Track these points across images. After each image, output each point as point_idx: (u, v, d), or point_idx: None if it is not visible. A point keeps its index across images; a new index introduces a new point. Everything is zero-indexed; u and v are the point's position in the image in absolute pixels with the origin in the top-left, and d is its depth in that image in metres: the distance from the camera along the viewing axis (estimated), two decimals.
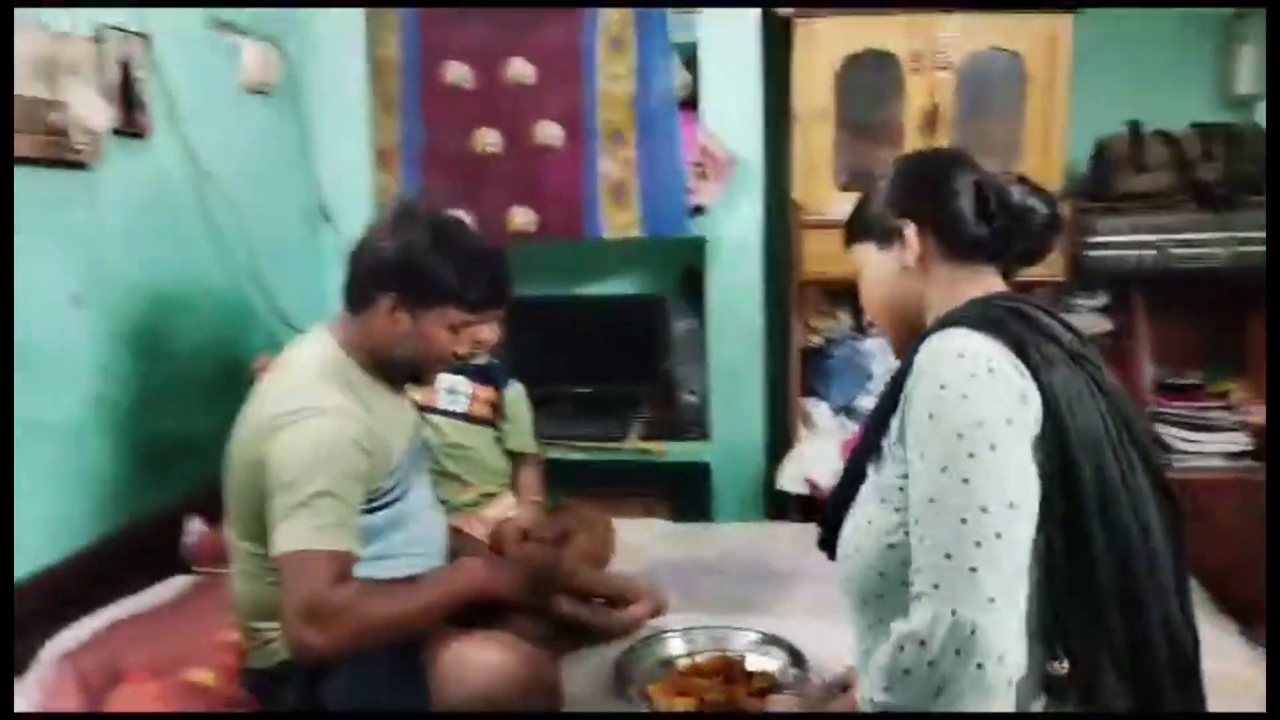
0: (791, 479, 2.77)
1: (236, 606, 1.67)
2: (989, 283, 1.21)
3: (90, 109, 1.95)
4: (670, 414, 3.20)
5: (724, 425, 3.01)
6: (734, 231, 2.95)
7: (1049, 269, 2.76)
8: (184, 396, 2.30)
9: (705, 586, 2.26)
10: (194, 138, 2.35)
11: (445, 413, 2.05)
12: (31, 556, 1.80)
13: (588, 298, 3.32)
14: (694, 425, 3.13)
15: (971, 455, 0.99)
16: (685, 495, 3.15)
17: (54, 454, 1.89)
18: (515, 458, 2.25)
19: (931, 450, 1.01)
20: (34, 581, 1.77)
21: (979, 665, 0.95)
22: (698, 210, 2.93)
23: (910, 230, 1.21)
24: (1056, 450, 1.02)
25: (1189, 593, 1.12)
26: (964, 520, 0.98)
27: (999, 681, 0.96)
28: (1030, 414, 1.03)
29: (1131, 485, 1.06)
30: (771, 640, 1.86)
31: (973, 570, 0.96)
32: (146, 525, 2.09)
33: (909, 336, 1.19)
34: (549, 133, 2.91)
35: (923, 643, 0.97)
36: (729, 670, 1.75)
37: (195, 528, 2.16)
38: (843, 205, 2.74)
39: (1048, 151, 2.76)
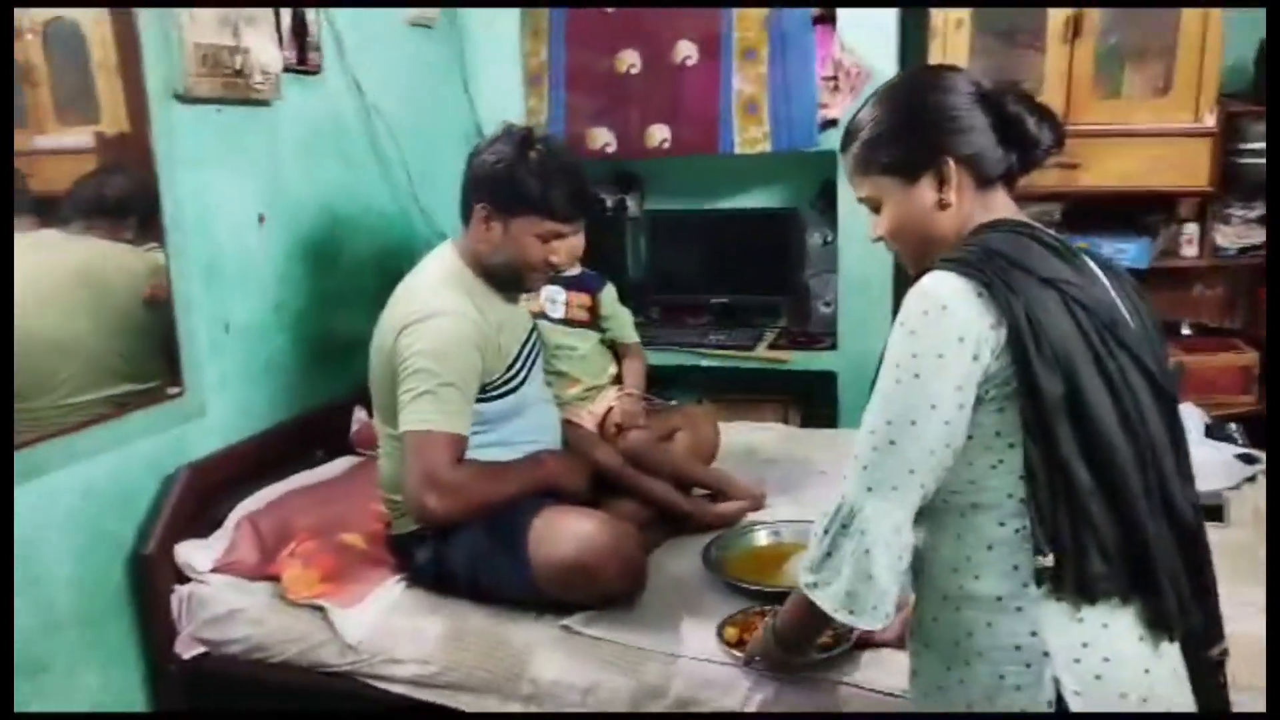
0: None
1: (380, 481, 1.98)
2: (997, 203, 1.25)
3: (266, 52, 2.25)
4: (805, 323, 3.31)
5: (851, 335, 3.09)
6: None
7: (1193, 179, 2.69)
8: (352, 303, 2.63)
9: (809, 487, 2.41)
10: (361, 72, 2.63)
11: (548, 319, 2.28)
12: (223, 435, 2.18)
13: (725, 211, 3.43)
14: (826, 335, 3.23)
15: (897, 381, 1.15)
16: (815, 402, 3.28)
17: (242, 350, 2.26)
18: (620, 351, 2.44)
19: (880, 375, 1.17)
20: (223, 454, 2.14)
21: (855, 540, 1.16)
22: (831, 124, 2.97)
23: (950, 166, 1.21)
24: (1020, 367, 1.12)
25: (1190, 471, 1.22)
26: (871, 430, 1.17)
27: (876, 555, 1.15)
28: (971, 348, 1.13)
29: (1120, 386, 1.15)
30: None
31: (863, 467, 1.17)
32: (320, 412, 2.45)
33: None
34: (686, 52, 3.02)
35: (825, 516, 1.21)
36: None
37: (359, 416, 2.50)
38: None
39: (1206, 50, 2.63)
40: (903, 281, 3.06)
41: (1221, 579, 1.82)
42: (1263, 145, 2.61)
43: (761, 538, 2.07)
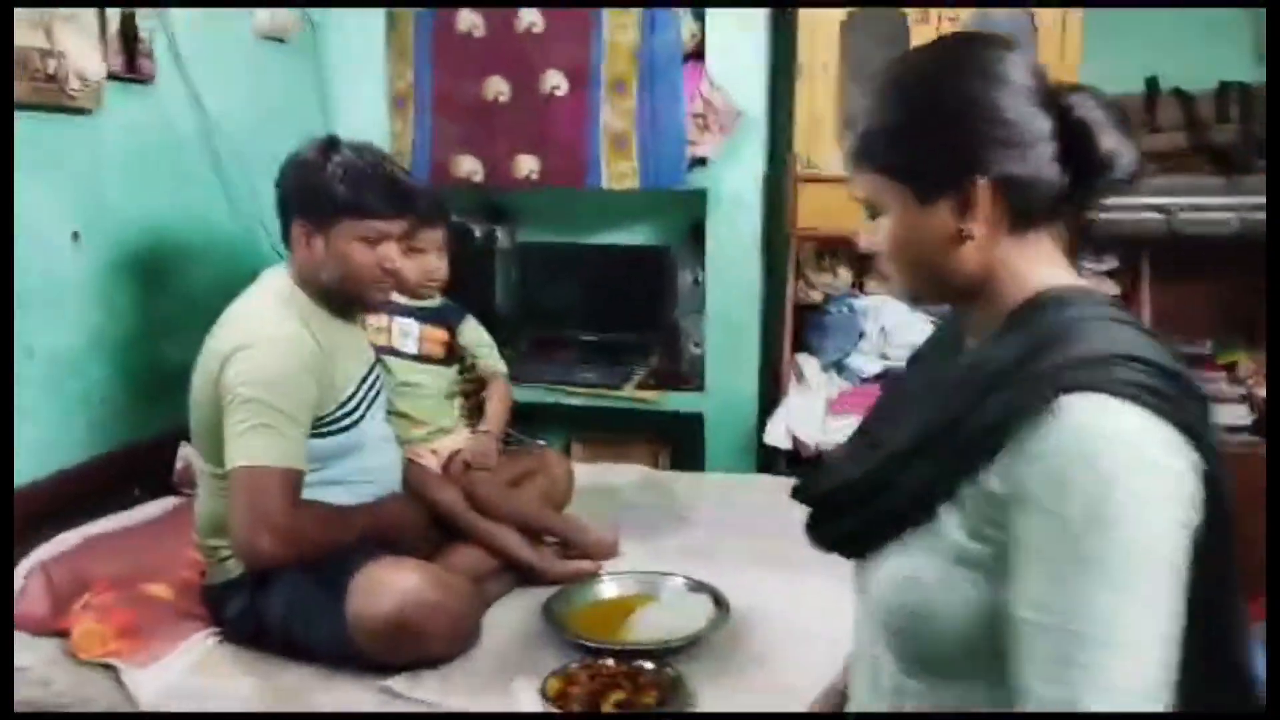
0: (777, 433, 2.80)
1: (197, 525, 1.81)
2: (1042, 249, 0.96)
3: (86, 57, 2.08)
4: (675, 364, 3.25)
5: (719, 377, 3.05)
6: (734, 185, 2.96)
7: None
8: (186, 331, 2.41)
9: (667, 533, 2.33)
10: (202, 84, 2.47)
11: (397, 353, 2.15)
12: (26, 471, 1.97)
13: (597, 246, 3.37)
14: (695, 376, 3.17)
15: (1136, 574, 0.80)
16: (682, 443, 3.22)
17: (49, 379, 2.06)
18: (484, 381, 2.32)
19: (1088, 555, 0.80)
20: (22, 494, 1.93)
21: None
22: (699, 162, 2.94)
23: (983, 189, 0.91)
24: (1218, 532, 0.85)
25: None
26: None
27: None
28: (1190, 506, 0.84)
29: None
30: (698, 586, 1.93)
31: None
32: (142, 448, 2.26)
33: (937, 301, 1.03)
34: (555, 82, 2.96)
35: None
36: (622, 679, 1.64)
37: (185, 453, 2.31)
38: (841, 163, 2.80)
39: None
40: (770, 323, 3.11)
41: None
42: (1118, 200, 2.65)
43: (607, 590, 1.97)
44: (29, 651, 1.73)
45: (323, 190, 1.71)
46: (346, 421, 1.80)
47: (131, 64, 2.24)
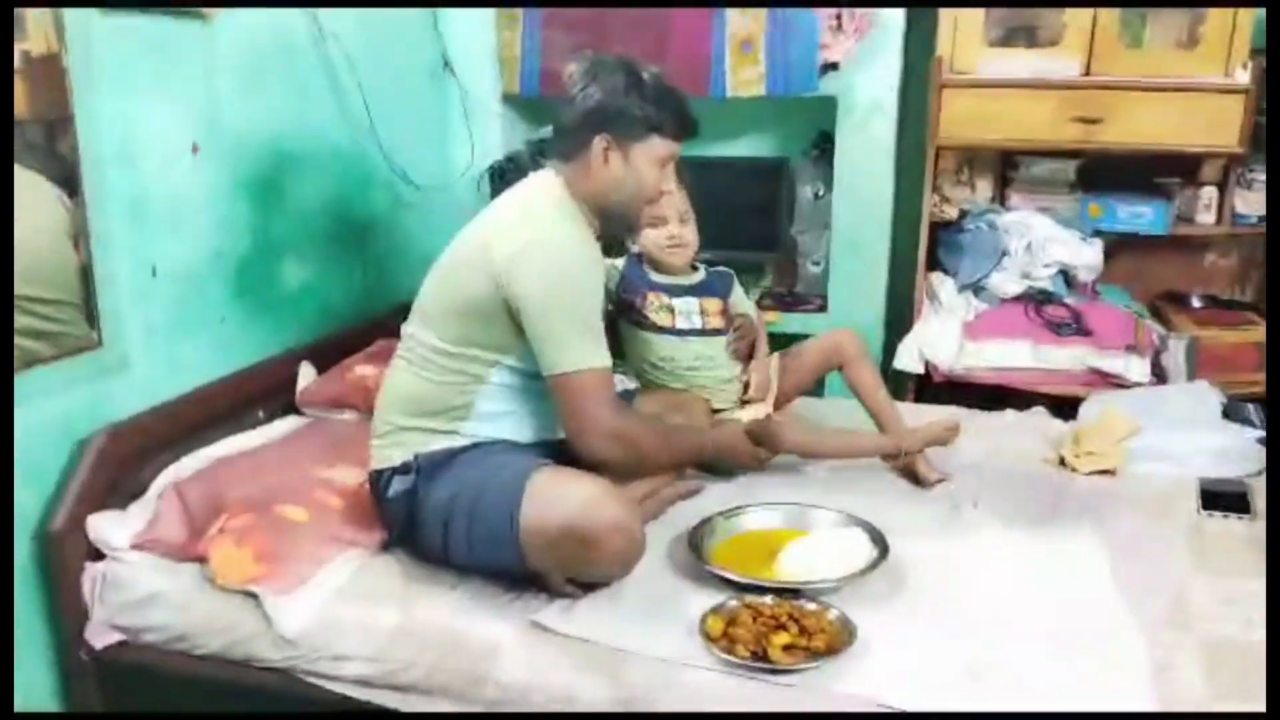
0: (908, 357, 2.65)
1: (392, 400, 1.75)
2: None
3: None
4: (792, 283, 3.10)
5: (843, 298, 2.90)
6: (868, 91, 2.76)
7: (1221, 138, 2.49)
8: (302, 250, 2.38)
9: (805, 461, 2.21)
10: None
11: (683, 333, 2.16)
12: (148, 392, 1.92)
13: (710, 159, 3.18)
14: (815, 296, 3.02)
15: None
16: None
17: (172, 297, 1.99)
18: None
19: None
20: (148, 415, 1.89)
21: None
22: (831, 67, 2.75)
23: None
24: None
25: None
26: None
27: None
28: None
29: None
30: (850, 520, 1.81)
31: None
32: (262, 368, 2.20)
33: None
34: None
35: None
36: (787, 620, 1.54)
37: (306, 373, 2.26)
38: (992, 63, 2.60)
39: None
40: (899, 243, 2.92)
41: (1255, 575, 1.68)
42: None
43: (753, 521, 1.86)
44: (167, 576, 1.70)
45: (634, 109, 1.72)
46: None
47: None
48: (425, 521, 1.67)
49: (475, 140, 2.97)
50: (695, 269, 2.23)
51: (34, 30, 1.67)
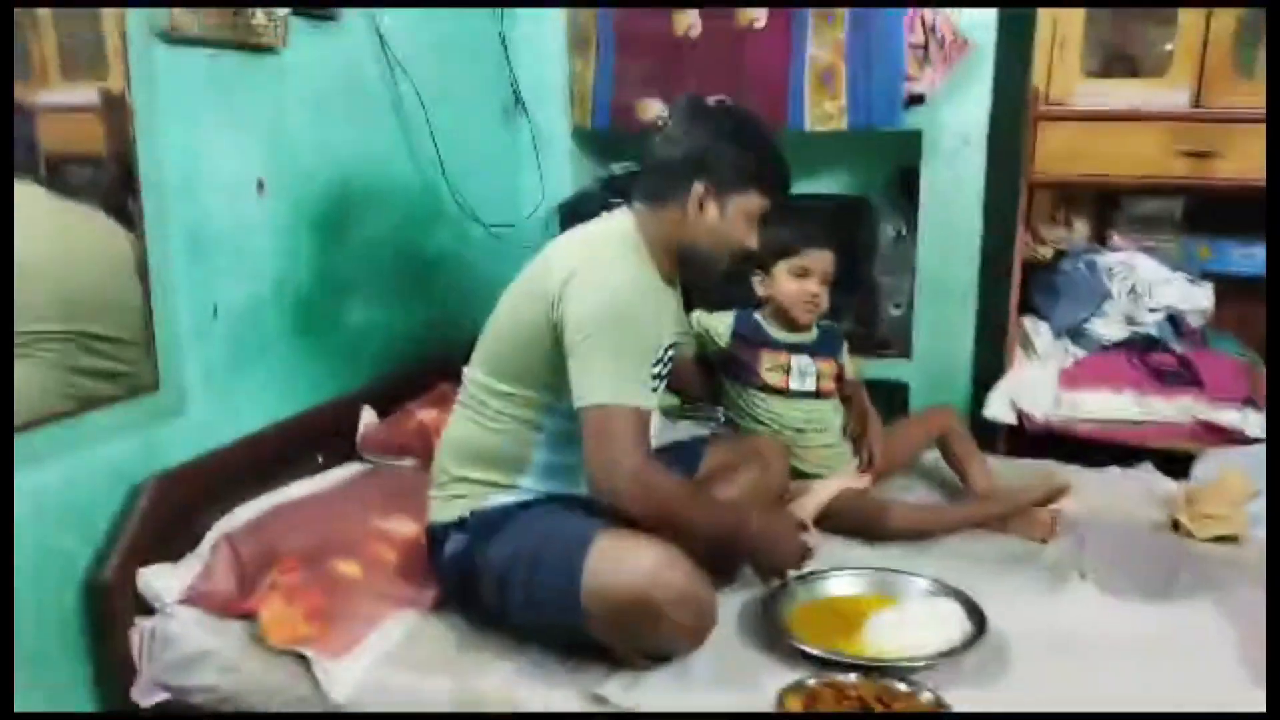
0: (1000, 407, 2.48)
1: (445, 449, 1.68)
2: None
3: None
4: (872, 328, 2.95)
5: (928, 343, 2.75)
6: (956, 124, 2.63)
7: None
8: (366, 286, 2.31)
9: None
10: (386, 23, 2.30)
11: (798, 394, 2.09)
12: (203, 437, 1.85)
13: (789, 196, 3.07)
14: (897, 340, 2.87)
15: None
16: (885, 417, 2.91)
17: (231, 337, 1.93)
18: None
19: None
20: (203, 461, 1.82)
21: None
22: (917, 100, 2.62)
23: None
24: None
25: None
26: None
27: None
28: None
29: None
30: (944, 590, 1.66)
31: None
32: (322, 411, 2.13)
33: None
34: (754, 13, 2.67)
35: None
36: (874, 701, 1.41)
37: (368, 418, 2.19)
38: (1091, 93, 2.45)
39: None
40: (988, 285, 2.76)
41: None
42: None
43: (836, 587, 1.73)
44: (216, 635, 1.62)
45: (737, 160, 1.63)
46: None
47: None
48: (482, 581, 1.58)
49: (545, 177, 2.90)
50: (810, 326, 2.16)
51: (113, 66, 1.64)
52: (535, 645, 1.56)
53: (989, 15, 2.55)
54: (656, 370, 1.62)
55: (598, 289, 1.54)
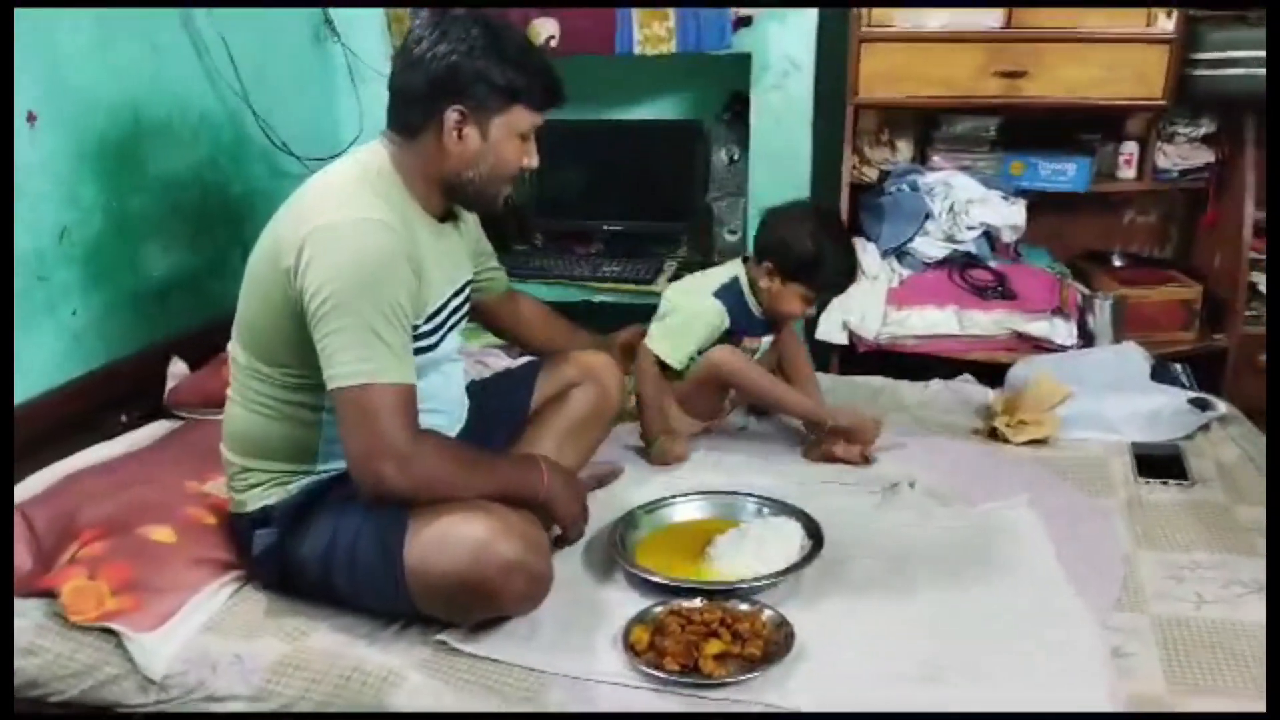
0: (830, 327, 2.53)
1: (226, 437, 1.54)
2: None
3: None
4: (707, 254, 2.95)
5: None
6: (784, 47, 2.62)
7: (1146, 90, 2.42)
8: (169, 231, 2.13)
9: (726, 442, 2.09)
10: None
11: None
12: None
13: (618, 122, 3.02)
14: None
15: None
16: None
17: (16, 288, 1.74)
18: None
19: None
20: None
21: None
22: (744, 22, 2.59)
23: None
24: None
25: None
26: None
27: None
28: None
29: None
30: (782, 508, 1.69)
31: None
32: (124, 366, 1.97)
33: None
34: None
35: None
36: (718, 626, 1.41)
37: (176, 370, 2.03)
38: (913, 16, 2.49)
39: None
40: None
41: (1199, 547, 1.62)
42: (1222, 54, 2.35)
43: (678, 513, 1.73)
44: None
45: (499, 77, 1.45)
46: (428, 341, 1.52)
47: None
48: (303, 576, 1.48)
49: (364, 105, 2.74)
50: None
51: None
52: None
53: None
54: (431, 327, 1.51)
55: (337, 252, 1.36)
